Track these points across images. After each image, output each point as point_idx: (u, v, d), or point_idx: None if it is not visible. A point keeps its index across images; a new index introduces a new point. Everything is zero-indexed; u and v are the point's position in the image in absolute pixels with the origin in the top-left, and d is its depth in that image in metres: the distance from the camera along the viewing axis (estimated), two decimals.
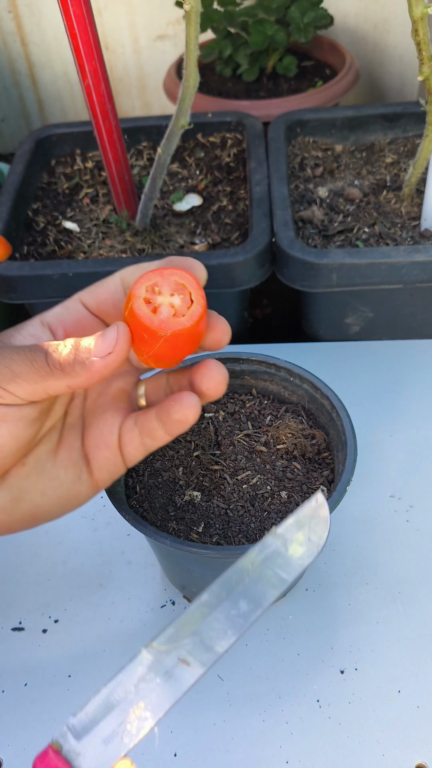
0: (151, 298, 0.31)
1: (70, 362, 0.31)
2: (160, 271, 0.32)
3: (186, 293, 0.32)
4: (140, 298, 0.31)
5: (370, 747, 0.43)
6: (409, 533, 0.53)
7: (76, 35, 0.59)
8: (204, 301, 0.32)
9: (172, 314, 0.31)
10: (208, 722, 0.45)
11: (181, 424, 0.35)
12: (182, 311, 0.31)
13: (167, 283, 0.32)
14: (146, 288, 0.32)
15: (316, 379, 0.47)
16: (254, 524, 0.42)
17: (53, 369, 0.32)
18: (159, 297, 0.32)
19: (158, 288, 0.32)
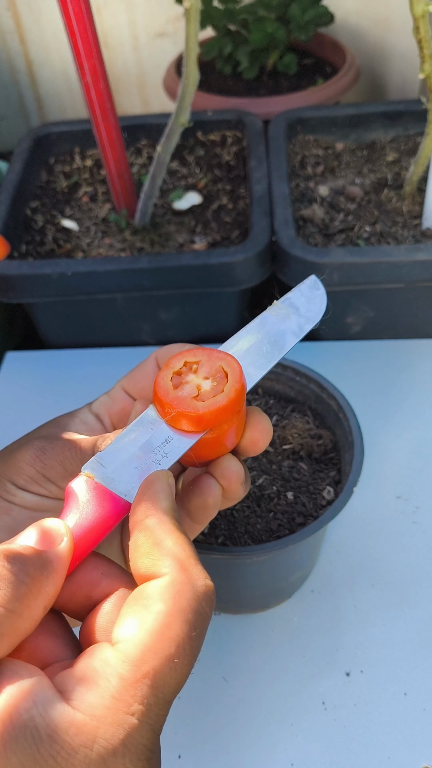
0: (184, 374, 0.30)
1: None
2: (209, 351, 0.31)
3: (223, 382, 0.30)
4: (170, 369, 0.30)
5: (375, 750, 0.43)
6: (415, 534, 0.52)
7: (75, 33, 0.59)
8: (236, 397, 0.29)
9: (193, 395, 0.29)
10: (213, 723, 0.44)
11: (203, 509, 0.32)
12: (206, 397, 0.29)
13: (208, 365, 0.30)
14: (185, 362, 0.31)
15: (323, 378, 0.47)
16: (260, 525, 0.42)
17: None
18: (191, 375, 0.30)
19: (196, 366, 0.31)
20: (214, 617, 0.49)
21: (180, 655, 0.23)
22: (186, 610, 0.24)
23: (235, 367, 0.30)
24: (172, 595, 0.24)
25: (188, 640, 0.24)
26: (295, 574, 0.46)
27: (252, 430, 0.32)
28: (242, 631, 0.48)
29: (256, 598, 0.46)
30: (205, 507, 0.31)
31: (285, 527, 0.42)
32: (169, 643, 0.23)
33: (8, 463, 0.31)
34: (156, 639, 0.23)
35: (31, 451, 0.31)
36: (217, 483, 0.31)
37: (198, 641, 0.24)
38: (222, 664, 0.47)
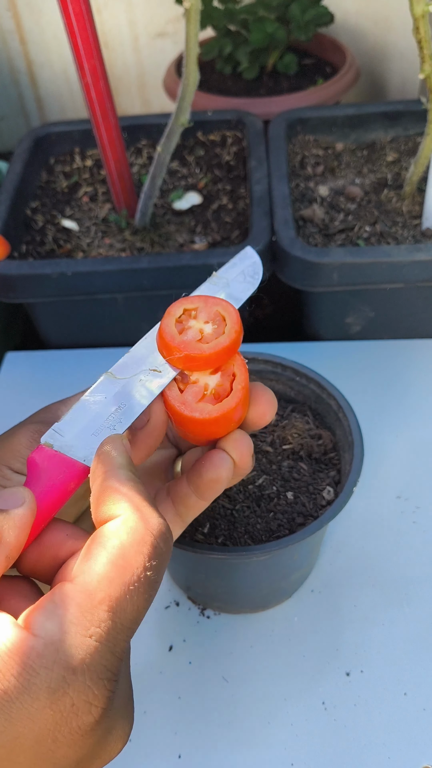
0: (184, 320, 0.32)
1: None
2: (204, 298, 0.32)
3: (222, 325, 0.31)
4: (172, 317, 0.32)
5: (375, 750, 0.43)
6: (415, 534, 0.52)
7: (76, 33, 0.59)
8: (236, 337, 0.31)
9: (197, 339, 0.31)
10: (213, 724, 0.44)
11: (214, 484, 0.33)
12: (209, 339, 0.31)
13: (206, 310, 0.32)
14: (184, 309, 0.32)
15: (323, 378, 0.47)
16: (260, 525, 0.42)
17: None
18: (192, 321, 0.32)
19: (195, 312, 0.32)
20: (213, 617, 0.49)
21: (136, 583, 0.25)
22: (140, 543, 0.25)
23: (232, 311, 0.32)
24: (127, 531, 0.26)
25: (144, 569, 0.25)
26: (294, 574, 0.46)
27: (257, 403, 0.33)
28: (242, 631, 0.48)
29: (256, 598, 0.47)
30: (217, 480, 0.32)
31: (285, 527, 0.42)
32: (123, 572, 0.25)
33: (4, 448, 0.32)
34: (111, 568, 0.25)
35: (27, 435, 0.32)
36: (229, 457, 0.32)
37: (155, 574, 0.26)
38: (222, 664, 0.47)
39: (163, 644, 0.48)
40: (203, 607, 0.49)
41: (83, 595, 0.25)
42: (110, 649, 0.24)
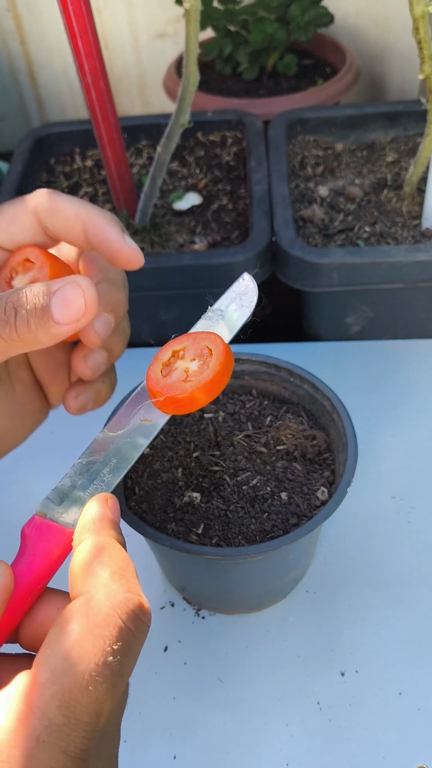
0: (172, 362, 0.32)
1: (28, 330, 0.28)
2: (194, 335, 0.33)
3: (209, 359, 0.32)
4: (159, 362, 0.32)
5: (370, 749, 0.43)
6: (410, 534, 0.52)
7: (76, 34, 0.59)
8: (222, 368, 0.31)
9: (182, 379, 0.31)
10: (208, 724, 0.44)
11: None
12: (194, 376, 0.31)
13: (194, 347, 0.32)
14: (172, 351, 0.33)
15: (317, 379, 0.47)
16: (254, 525, 0.42)
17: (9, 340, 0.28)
18: (179, 361, 0.32)
19: (183, 352, 0.33)
20: (208, 617, 0.49)
21: (93, 672, 0.23)
22: (102, 625, 0.23)
23: (218, 342, 0.32)
24: (86, 613, 0.24)
25: (103, 655, 0.23)
26: (289, 574, 0.46)
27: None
28: (237, 632, 0.48)
29: (251, 598, 0.47)
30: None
31: (279, 528, 0.42)
32: (78, 661, 0.23)
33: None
34: (65, 659, 0.23)
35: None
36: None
37: (121, 659, 0.23)
38: (217, 665, 0.47)
39: (158, 645, 0.48)
40: (198, 608, 0.49)
41: (34, 690, 0.23)
42: (61, 748, 0.22)
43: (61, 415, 0.63)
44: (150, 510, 0.44)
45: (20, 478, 0.59)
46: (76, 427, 0.62)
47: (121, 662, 0.24)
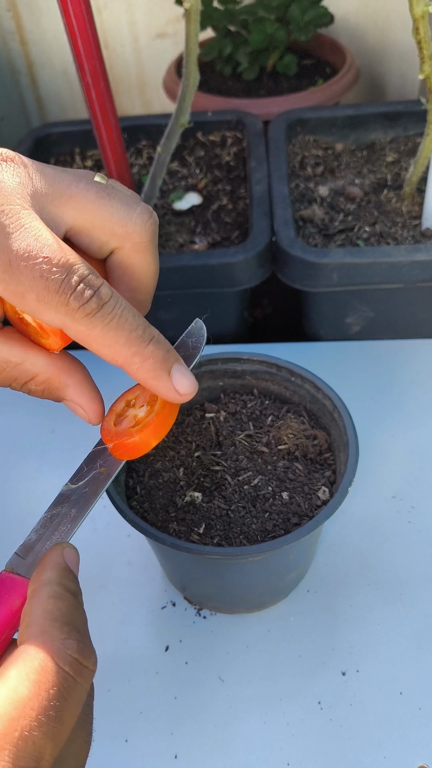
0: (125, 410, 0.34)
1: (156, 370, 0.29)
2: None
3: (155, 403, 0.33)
4: (114, 413, 0.34)
5: (371, 749, 0.43)
6: (411, 534, 0.52)
7: (76, 34, 0.59)
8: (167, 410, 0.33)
9: (131, 425, 0.33)
10: (209, 724, 0.44)
11: None
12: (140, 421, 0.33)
13: (143, 395, 0.34)
14: (125, 401, 0.34)
15: (318, 379, 0.47)
16: (255, 525, 0.42)
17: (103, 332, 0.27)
18: (131, 409, 0.34)
19: (134, 401, 0.34)
20: (209, 617, 0.49)
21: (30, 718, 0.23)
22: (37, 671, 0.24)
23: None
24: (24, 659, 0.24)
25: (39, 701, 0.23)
26: (290, 573, 0.46)
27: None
28: (238, 631, 0.48)
29: (252, 597, 0.47)
30: None
31: (280, 527, 0.42)
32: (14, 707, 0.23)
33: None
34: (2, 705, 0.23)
35: None
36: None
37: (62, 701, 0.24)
38: (218, 664, 0.47)
39: (159, 644, 0.48)
40: (199, 608, 0.49)
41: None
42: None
43: (61, 414, 0.63)
44: (151, 509, 0.44)
45: (21, 477, 0.59)
46: (77, 426, 0.62)
47: (60, 707, 0.24)
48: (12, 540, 0.55)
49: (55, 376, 0.31)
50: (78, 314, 0.26)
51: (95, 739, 0.44)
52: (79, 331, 0.27)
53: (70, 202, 0.29)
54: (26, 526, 0.55)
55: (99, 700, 0.45)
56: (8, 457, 0.61)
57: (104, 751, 0.44)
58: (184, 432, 0.48)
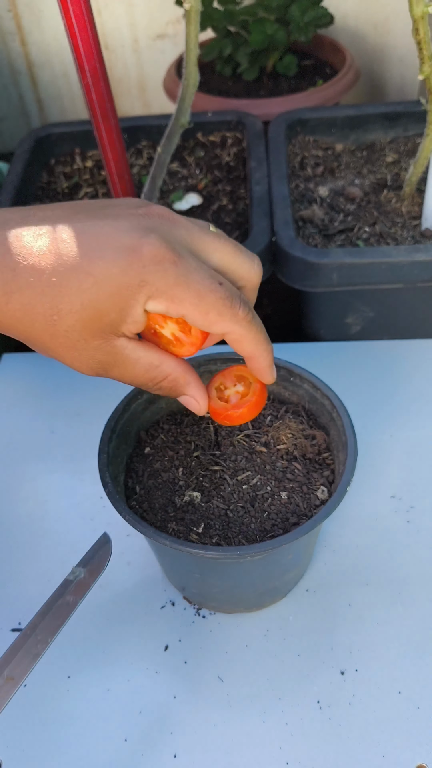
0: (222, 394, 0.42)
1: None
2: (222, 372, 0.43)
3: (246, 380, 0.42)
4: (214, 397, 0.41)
5: (370, 748, 0.43)
6: (409, 534, 0.52)
7: (76, 35, 0.59)
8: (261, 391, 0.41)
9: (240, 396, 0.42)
10: (208, 723, 0.44)
11: None
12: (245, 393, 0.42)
13: (229, 378, 0.42)
14: (215, 388, 0.42)
15: (317, 379, 0.47)
16: (254, 525, 0.42)
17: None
18: (227, 391, 0.42)
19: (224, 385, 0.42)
20: (209, 616, 0.49)
21: None
22: None
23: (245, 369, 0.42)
24: None
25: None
26: (289, 573, 0.46)
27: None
28: (237, 631, 0.48)
29: (251, 597, 0.47)
30: None
31: (279, 527, 0.42)
32: None
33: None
34: None
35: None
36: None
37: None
38: (217, 664, 0.47)
39: (158, 644, 0.48)
40: (198, 607, 0.50)
41: None
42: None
43: (62, 415, 0.64)
44: (150, 509, 0.44)
45: (21, 478, 0.59)
46: (77, 426, 0.63)
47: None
48: (11, 540, 0.55)
49: (182, 376, 0.38)
50: (243, 321, 0.36)
51: (92, 739, 0.44)
52: (241, 333, 0.36)
53: (215, 253, 0.37)
54: (26, 526, 0.56)
55: (98, 700, 0.46)
56: (8, 457, 0.61)
57: (104, 751, 0.44)
58: (183, 432, 0.48)
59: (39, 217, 0.35)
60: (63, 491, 0.58)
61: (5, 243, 0.34)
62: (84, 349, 0.35)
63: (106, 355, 0.36)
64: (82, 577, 0.39)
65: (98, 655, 0.48)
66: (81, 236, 0.34)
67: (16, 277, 0.34)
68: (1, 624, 0.50)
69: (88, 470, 0.59)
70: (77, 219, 0.35)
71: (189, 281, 0.34)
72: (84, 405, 0.64)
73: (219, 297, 0.35)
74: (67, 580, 0.39)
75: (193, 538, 0.42)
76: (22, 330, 0.35)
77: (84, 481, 0.58)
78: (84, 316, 0.34)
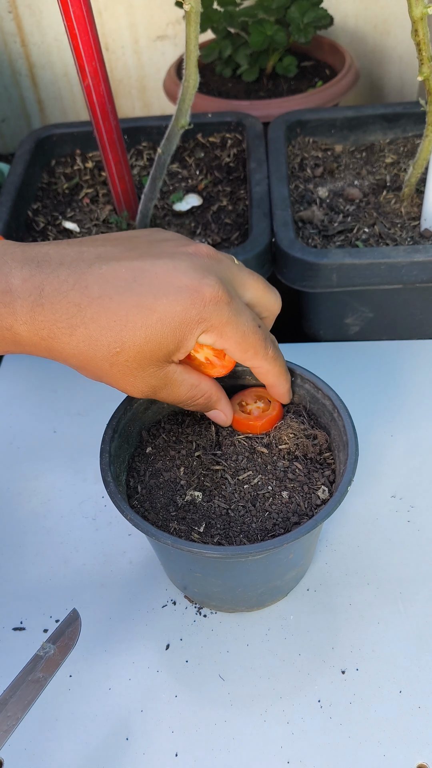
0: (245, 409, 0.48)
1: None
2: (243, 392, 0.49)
3: (264, 398, 0.49)
4: (237, 410, 0.48)
5: (371, 747, 0.43)
6: (410, 533, 0.53)
7: (76, 36, 0.59)
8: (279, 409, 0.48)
9: (261, 411, 0.48)
10: (209, 722, 0.45)
11: None
12: (266, 408, 0.48)
13: (250, 396, 0.49)
14: (237, 404, 0.48)
15: (318, 379, 0.47)
16: (255, 524, 0.42)
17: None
18: (249, 406, 0.48)
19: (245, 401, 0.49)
20: (210, 615, 0.49)
21: None
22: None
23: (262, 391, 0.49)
24: None
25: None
26: (290, 572, 0.46)
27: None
28: (238, 630, 0.48)
29: (252, 596, 0.47)
30: None
31: (280, 526, 0.42)
32: None
33: None
34: None
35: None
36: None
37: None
38: (218, 663, 0.47)
39: (159, 643, 0.48)
40: (200, 606, 0.50)
41: None
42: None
43: (63, 415, 0.64)
44: (152, 509, 0.44)
45: (21, 478, 0.59)
46: (78, 427, 0.63)
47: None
48: (13, 539, 0.55)
49: (215, 394, 0.44)
50: (271, 359, 0.42)
51: (94, 738, 0.44)
52: (268, 369, 0.43)
53: (249, 289, 0.42)
54: (28, 526, 0.56)
55: (99, 699, 0.46)
56: (10, 456, 0.61)
57: (105, 750, 0.44)
58: (185, 432, 0.49)
59: (95, 254, 0.38)
60: (65, 491, 0.58)
61: (67, 280, 0.36)
62: (140, 376, 0.39)
63: (159, 380, 0.40)
64: (52, 654, 0.39)
65: (99, 653, 0.48)
66: (144, 275, 0.37)
67: (81, 312, 0.36)
68: (3, 623, 0.50)
69: (90, 470, 0.59)
70: (133, 257, 0.38)
71: (238, 322, 0.39)
72: (86, 405, 0.64)
73: (258, 338, 0.40)
74: (37, 656, 0.39)
75: (195, 537, 0.42)
76: (82, 360, 0.38)
77: (86, 481, 0.58)
78: (146, 348, 0.37)
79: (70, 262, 0.37)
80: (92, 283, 0.37)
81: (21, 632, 0.49)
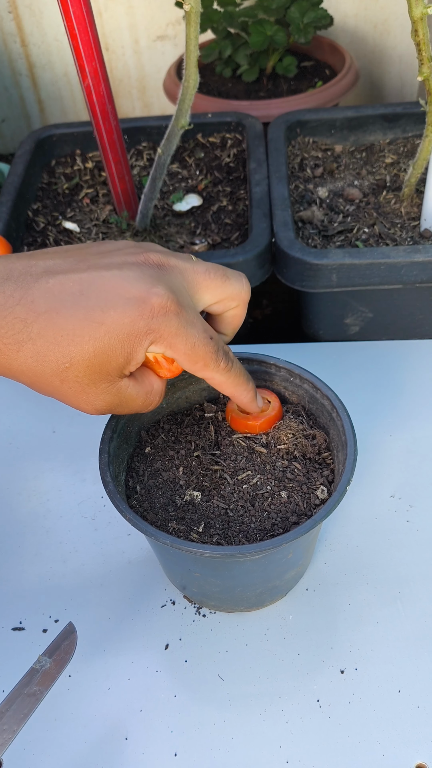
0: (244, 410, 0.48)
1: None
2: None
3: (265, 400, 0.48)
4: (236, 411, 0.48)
5: (370, 747, 0.43)
6: (409, 533, 0.53)
7: (77, 36, 0.59)
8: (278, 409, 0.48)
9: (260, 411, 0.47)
10: (209, 722, 0.45)
11: None
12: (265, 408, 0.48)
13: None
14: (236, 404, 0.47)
15: (317, 379, 0.47)
16: (254, 524, 0.42)
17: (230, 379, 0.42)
18: None
19: None
20: (209, 615, 0.49)
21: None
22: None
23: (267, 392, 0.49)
24: None
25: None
26: (289, 572, 0.46)
27: None
28: (237, 630, 0.48)
29: (251, 596, 0.47)
30: None
31: (279, 526, 0.42)
32: None
33: None
34: None
35: None
36: None
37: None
38: (217, 663, 0.47)
39: (158, 643, 0.48)
40: (199, 606, 0.50)
41: None
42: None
43: (63, 415, 0.64)
44: (151, 509, 0.44)
45: (21, 478, 0.59)
46: (78, 427, 0.63)
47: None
48: (12, 539, 0.55)
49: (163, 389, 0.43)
50: (223, 371, 0.41)
51: (93, 738, 0.44)
52: (221, 380, 0.42)
53: (207, 291, 0.41)
54: (27, 526, 0.56)
55: (99, 699, 0.46)
56: (10, 456, 0.61)
57: (104, 749, 0.44)
58: (184, 432, 0.49)
59: (42, 267, 0.37)
60: (64, 490, 0.58)
61: (12, 295, 0.35)
62: (92, 393, 0.38)
63: (113, 396, 0.39)
64: (48, 667, 0.39)
65: (99, 653, 0.48)
66: (91, 288, 0.36)
67: (28, 327, 0.35)
68: (2, 623, 0.50)
69: (89, 470, 0.59)
70: (81, 269, 0.37)
71: (187, 334, 0.38)
72: None
73: (208, 350, 0.40)
74: (33, 669, 0.39)
75: (194, 537, 0.42)
76: (31, 376, 0.37)
77: (85, 481, 0.58)
78: (95, 362, 0.37)
79: (17, 277, 0.36)
80: (38, 298, 0.36)
81: (20, 632, 0.49)
